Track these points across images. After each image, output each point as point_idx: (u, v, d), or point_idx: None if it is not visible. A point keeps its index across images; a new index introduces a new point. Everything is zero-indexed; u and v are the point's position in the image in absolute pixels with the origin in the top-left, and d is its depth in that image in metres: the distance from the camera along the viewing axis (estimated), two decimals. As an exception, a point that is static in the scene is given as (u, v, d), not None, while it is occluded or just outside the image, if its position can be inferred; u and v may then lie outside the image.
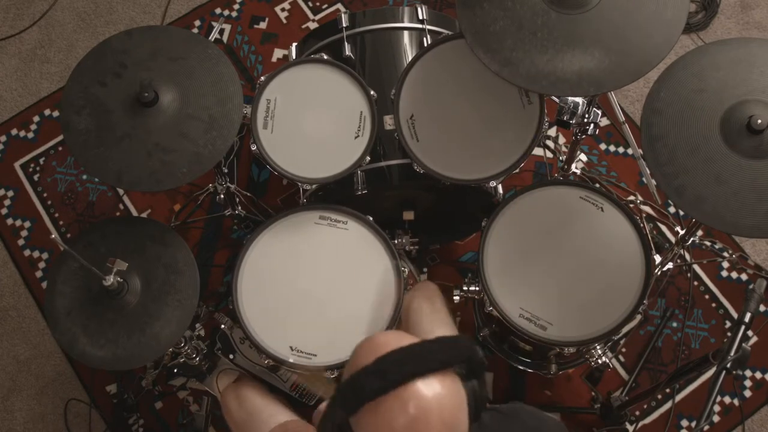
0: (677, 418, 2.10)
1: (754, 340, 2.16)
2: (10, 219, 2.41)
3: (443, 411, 0.94)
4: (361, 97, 1.74)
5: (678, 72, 1.48)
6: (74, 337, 1.54)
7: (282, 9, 2.63)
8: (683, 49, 1.61)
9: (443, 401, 0.94)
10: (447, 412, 0.94)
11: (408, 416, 0.91)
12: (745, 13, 2.54)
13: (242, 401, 1.73)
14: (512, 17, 1.49)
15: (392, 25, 1.92)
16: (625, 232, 1.66)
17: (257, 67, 2.55)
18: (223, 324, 1.92)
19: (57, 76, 2.59)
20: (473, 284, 1.72)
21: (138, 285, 1.56)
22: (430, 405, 0.93)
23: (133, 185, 1.58)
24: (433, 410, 0.93)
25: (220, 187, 2.06)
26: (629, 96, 2.46)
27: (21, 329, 2.29)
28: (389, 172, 1.79)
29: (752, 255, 2.26)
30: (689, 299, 2.21)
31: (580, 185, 1.71)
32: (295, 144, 1.74)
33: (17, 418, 2.20)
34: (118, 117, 1.59)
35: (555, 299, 1.64)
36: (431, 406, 0.93)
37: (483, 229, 1.69)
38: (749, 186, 1.39)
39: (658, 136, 1.44)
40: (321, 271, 1.70)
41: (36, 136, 2.51)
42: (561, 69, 1.45)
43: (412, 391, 0.92)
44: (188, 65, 1.63)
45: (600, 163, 2.37)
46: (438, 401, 0.93)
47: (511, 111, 1.70)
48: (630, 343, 2.16)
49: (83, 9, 2.68)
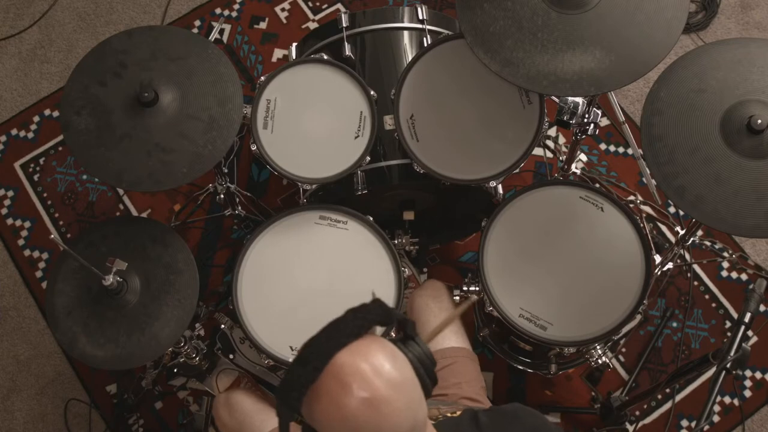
0: (677, 418, 2.10)
1: (754, 340, 2.16)
2: (10, 219, 2.41)
3: (379, 369, 0.91)
4: (361, 97, 1.74)
5: (678, 72, 1.48)
6: (74, 336, 1.55)
7: (282, 9, 2.63)
8: (683, 49, 1.61)
9: (374, 360, 0.91)
10: (383, 368, 0.91)
11: (347, 387, 0.89)
12: (745, 13, 2.54)
13: (233, 409, 1.72)
14: (512, 17, 1.49)
15: (392, 25, 1.92)
16: (625, 232, 1.66)
17: (257, 67, 2.55)
18: (223, 324, 1.92)
19: (57, 76, 2.59)
20: (473, 284, 1.72)
21: (138, 285, 1.57)
22: (361, 368, 0.90)
23: (133, 185, 1.58)
24: (366, 372, 0.90)
25: (220, 187, 2.06)
26: (629, 96, 2.46)
27: (21, 329, 2.29)
28: (389, 172, 1.79)
29: (752, 255, 2.26)
30: (689, 299, 2.21)
31: (580, 185, 1.71)
32: (295, 144, 1.74)
33: (17, 418, 2.20)
34: (118, 117, 1.59)
35: (555, 299, 1.64)
36: (363, 369, 0.90)
37: (483, 229, 1.69)
38: (749, 186, 1.39)
39: (658, 136, 1.44)
40: (321, 271, 1.70)
41: (36, 136, 2.51)
42: (561, 69, 1.45)
43: (339, 363, 0.91)
44: (188, 65, 1.63)
45: (600, 163, 2.37)
46: (368, 362, 0.91)
47: (511, 111, 1.70)
48: (630, 343, 2.16)
49: (83, 9, 2.68)
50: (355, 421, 0.90)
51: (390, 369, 0.92)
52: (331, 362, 0.91)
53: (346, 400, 0.89)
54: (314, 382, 0.91)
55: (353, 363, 0.91)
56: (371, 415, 0.90)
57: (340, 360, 0.91)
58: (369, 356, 0.92)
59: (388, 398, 0.90)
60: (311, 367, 0.91)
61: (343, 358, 0.91)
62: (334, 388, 0.90)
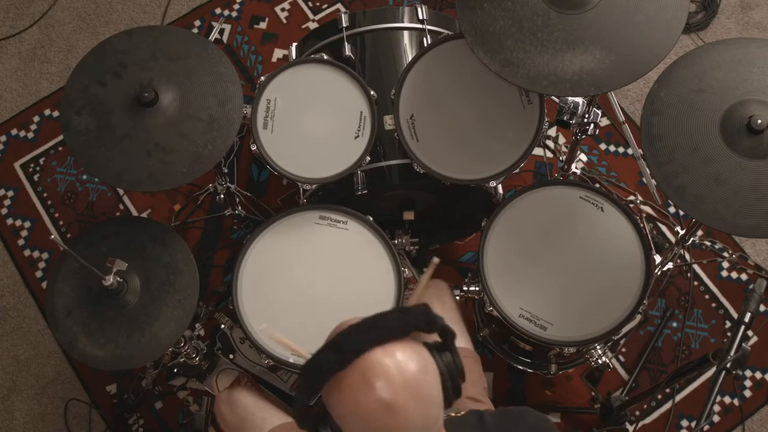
0: (677, 418, 2.10)
1: (754, 340, 2.16)
2: (10, 219, 2.41)
3: (407, 377, 0.90)
4: (361, 97, 1.74)
5: (678, 72, 1.48)
6: (74, 336, 1.55)
7: (282, 9, 2.63)
8: (683, 49, 1.61)
9: (405, 367, 0.90)
10: (411, 378, 0.90)
11: (370, 386, 0.89)
12: (745, 13, 2.54)
13: (234, 406, 1.72)
14: (512, 17, 1.49)
15: (392, 25, 1.92)
16: (625, 232, 1.66)
17: (257, 67, 2.55)
18: (223, 324, 1.92)
19: (57, 76, 2.59)
20: (473, 284, 1.72)
21: (138, 285, 1.56)
22: (390, 372, 0.89)
23: (133, 185, 1.58)
24: (394, 377, 0.89)
25: (220, 187, 2.06)
26: (629, 96, 2.46)
27: (21, 329, 2.29)
28: (389, 172, 1.79)
29: (752, 255, 2.26)
30: (689, 299, 2.21)
31: (580, 185, 1.71)
32: (295, 144, 1.74)
33: (17, 418, 2.20)
34: (118, 117, 1.59)
35: (555, 299, 1.64)
36: (392, 373, 0.89)
37: (483, 229, 1.69)
38: (749, 186, 1.39)
39: (658, 136, 1.44)
40: (321, 271, 1.70)
41: (36, 136, 2.51)
42: (561, 69, 1.45)
43: (370, 360, 0.90)
44: (188, 65, 1.63)
45: (600, 163, 2.37)
46: (398, 367, 0.90)
47: (511, 111, 1.70)
48: (630, 343, 2.16)
49: (83, 9, 2.68)
50: (369, 420, 0.90)
51: (418, 379, 0.92)
52: (362, 356, 0.90)
53: (366, 398, 0.89)
54: (341, 371, 0.90)
55: (383, 363, 0.90)
56: (386, 419, 0.90)
57: (372, 357, 0.90)
58: (401, 361, 0.91)
59: (407, 408, 0.90)
60: (342, 356, 0.90)
61: (375, 355, 0.90)
62: (358, 382, 0.90)
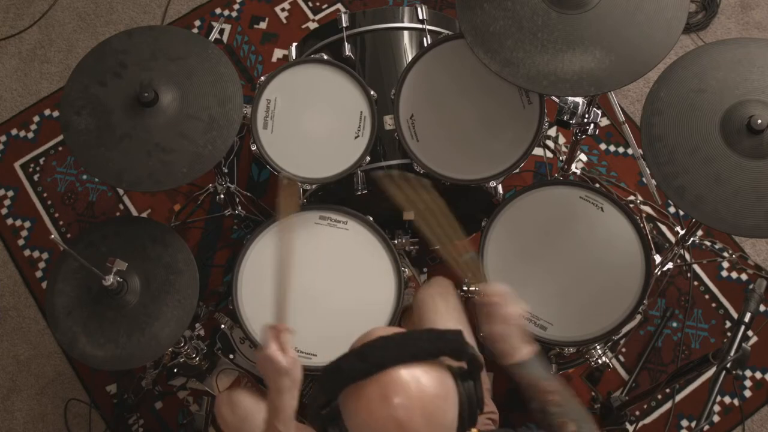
0: (677, 418, 2.10)
1: (754, 340, 2.16)
2: (10, 219, 2.41)
3: (425, 401, 0.91)
4: (361, 97, 1.74)
5: (678, 72, 1.48)
6: (74, 336, 1.55)
7: (282, 9, 2.63)
8: (683, 49, 1.61)
9: (425, 390, 0.91)
10: (430, 403, 0.91)
11: (387, 402, 0.89)
12: (745, 13, 2.54)
13: (235, 407, 1.72)
14: (512, 17, 1.49)
15: (392, 25, 1.92)
16: (625, 232, 1.66)
17: (257, 67, 2.55)
18: (223, 324, 1.93)
19: (57, 76, 2.59)
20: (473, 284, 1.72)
21: (138, 285, 1.57)
22: (410, 392, 0.90)
23: (133, 185, 1.58)
24: (413, 398, 0.90)
25: (220, 187, 2.06)
26: (629, 96, 2.46)
27: (21, 329, 2.29)
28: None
29: (752, 255, 2.26)
30: (689, 299, 2.20)
31: (580, 185, 1.71)
32: (295, 144, 1.74)
33: (17, 418, 2.20)
34: (118, 117, 1.59)
35: (555, 299, 1.64)
36: (412, 394, 0.90)
37: (483, 229, 1.69)
38: (749, 186, 1.39)
39: (658, 136, 1.44)
40: (321, 271, 1.70)
41: (36, 136, 2.51)
42: (561, 69, 1.45)
43: (393, 376, 0.91)
44: (188, 65, 1.63)
45: (600, 163, 2.37)
46: (419, 389, 0.91)
47: (511, 111, 1.70)
48: (630, 343, 2.16)
49: (83, 9, 2.67)
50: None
51: (436, 406, 0.92)
52: (386, 371, 0.91)
53: (381, 412, 0.90)
54: (361, 380, 0.91)
55: (404, 383, 0.91)
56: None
57: (396, 374, 0.91)
58: (423, 385, 0.91)
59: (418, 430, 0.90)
60: (365, 367, 0.91)
61: (399, 373, 0.91)
62: (377, 396, 0.90)
